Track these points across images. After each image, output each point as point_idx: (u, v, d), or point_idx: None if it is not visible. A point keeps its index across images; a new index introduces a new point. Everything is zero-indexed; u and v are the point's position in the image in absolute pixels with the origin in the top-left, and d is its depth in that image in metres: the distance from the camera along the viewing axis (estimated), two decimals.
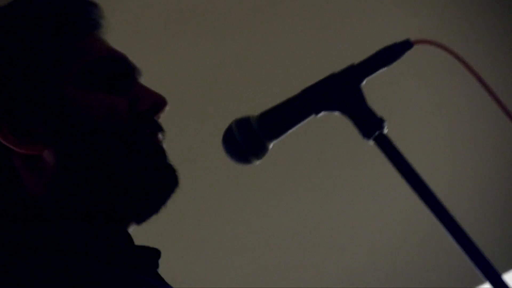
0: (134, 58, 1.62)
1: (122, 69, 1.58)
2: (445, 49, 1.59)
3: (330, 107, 1.52)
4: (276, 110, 1.54)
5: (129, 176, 1.49)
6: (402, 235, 3.44)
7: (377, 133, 1.49)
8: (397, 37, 1.60)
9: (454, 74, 3.12)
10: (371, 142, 1.50)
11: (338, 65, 1.55)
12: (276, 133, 1.54)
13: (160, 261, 1.51)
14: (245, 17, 3.44)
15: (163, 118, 1.59)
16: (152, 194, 1.52)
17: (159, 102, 1.57)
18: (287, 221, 3.39)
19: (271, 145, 1.56)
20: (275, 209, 3.41)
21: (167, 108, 1.58)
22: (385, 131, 1.50)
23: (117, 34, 1.64)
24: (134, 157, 1.50)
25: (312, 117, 1.54)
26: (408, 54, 1.59)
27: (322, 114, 1.53)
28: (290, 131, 1.56)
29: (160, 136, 1.58)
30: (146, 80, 1.61)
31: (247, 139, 1.53)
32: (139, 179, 1.50)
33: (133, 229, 1.54)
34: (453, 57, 1.59)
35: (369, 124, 1.49)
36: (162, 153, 1.56)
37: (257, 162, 1.56)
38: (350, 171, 3.39)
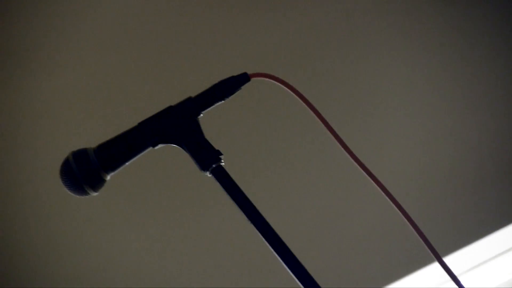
0: None
1: None
2: (282, 83, 1.62)
3: (166, 140, 1.52)
4: (113, 142, 1.53)
5: None
6: None
7: (214, 165, 1.50)
8: None
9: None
10: (208, 175, 1.51)
11: None
12: (113, 165, 1.53)
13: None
14: None
15: None
16: None
17: None
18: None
19: (108, 177, 1.55)
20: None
21: None
22: (222, 163, 1.52)
23: None
24: None
25: (149, 149, 1.54)
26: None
27: (159, 146, 1.54)
28: (128, 163, 1.55)
29: None
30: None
31: (83, 171, 1.51)
32: None
33: None
34: (291, 91, 1.63)
35: (205, 157, 1.50)
36: None
37: (94, 194, 1.54)
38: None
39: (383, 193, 1.61)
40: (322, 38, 3.48)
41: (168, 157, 3.17)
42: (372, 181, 1.62)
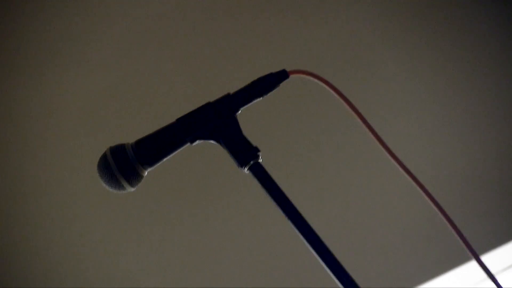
0: None
1: None
2: (321, 80, 1.61)
3: (204, 136, 1.52)
4: (151, 138, 1.54)
5: None
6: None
7: (252, 162, 1.50)
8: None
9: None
10: (246, 171, 1.51)
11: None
12: (150, 161, 1.54)
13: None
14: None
15: None
16: None
17: None
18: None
19: (145, 173, 1.55)
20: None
21: None
22: (260, 160, 1.51)
23: None
24: None
25: (187, 145, 1.54)
26: None
27: (197, 142, 1.53)
28: (165, 159, 1.55)
29: None
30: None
31: (120, 166, 1.52)
32: None
33: None
34: (330, 89, 1.62)
35: (243, 153, 1.50)
36: None
37: (131, 189, 1.55)
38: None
39: (420, 191, 1.60)
40: (360, 36, 3.46)
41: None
42: (410, 179, 1.61)
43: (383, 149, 1.60)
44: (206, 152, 3.24)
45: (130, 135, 1.65)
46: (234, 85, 1.61)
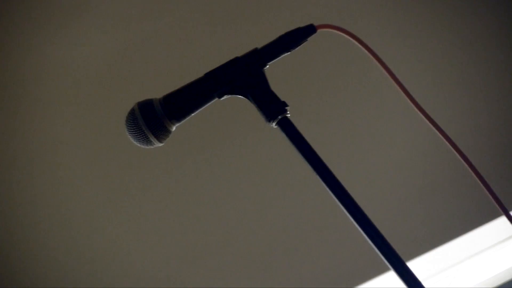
0: None
1: None
2: (349, 34, 1.60)
3: (233, 91, 1.52)
4: (179, 93, 1.54)
5: None
6: None
7: (280, 117, 1.50)
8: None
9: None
10: (274, 126, 1.51)
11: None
12: (178, 116, 1.54)
13: None
14: None
15: None
16: None
17: None
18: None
19: (173, 128, 1.55)
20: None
21: None
22: (288, 115, 1.51)
23: None
24: None
25: (215, 100, 1.54)
26: None
27: (225, 97, 1.53)
28: (193, 114, 1.55)
29: None
30: None
31: (148, 120, 1.52)
32: None
33: None
34: (357, 43, 1.61)
35: (271, 108, 1.49)
36: None
37: (159, 144, 1.55)
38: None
39: (449, 145, 1.59)
40: None
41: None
42: (438, 133, 1.60)
43: (411, 103, 1.59)
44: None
45: (155, 94, 1.64)
46: (261, 41, 1.61)
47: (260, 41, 1.60)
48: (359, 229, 1.40)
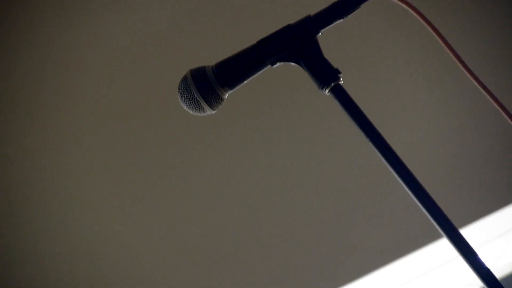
0: None
1: None
2: (404, 2, 1.58)
3: (286, 58, 1.52)
4: (232, 61, 1.54)
5: None
6: None
7: (333, 84, 1.49)
8: None
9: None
10: (327, 93, 1.50)
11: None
12: (231, 83, 1.54)
13: None
14: None
15: None
16: None
17: None
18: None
19: (226, 95, 1.56)
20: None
21: None
22: (341, 82, 1.50)
23: None
24: None
25: (267, 67, 1.54)
26: None
27: (278, 65, 1.53)
28: (246, 81, 1.55)
29: None
30: None
31: (200, 87, 1.53)
32: None
33: None
34: (413, 12, 1.59)
35: (325, 75, 1.49)
36: None
37: (211, 112, 1.56)
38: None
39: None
40: None
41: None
42: (494, 104, 1.58)
43: (464, 70, 1.57)
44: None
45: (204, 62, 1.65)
46: (314, 8, 1.60)
47: (314, 9, 1.59)
48: (411, 194, 1.39)
